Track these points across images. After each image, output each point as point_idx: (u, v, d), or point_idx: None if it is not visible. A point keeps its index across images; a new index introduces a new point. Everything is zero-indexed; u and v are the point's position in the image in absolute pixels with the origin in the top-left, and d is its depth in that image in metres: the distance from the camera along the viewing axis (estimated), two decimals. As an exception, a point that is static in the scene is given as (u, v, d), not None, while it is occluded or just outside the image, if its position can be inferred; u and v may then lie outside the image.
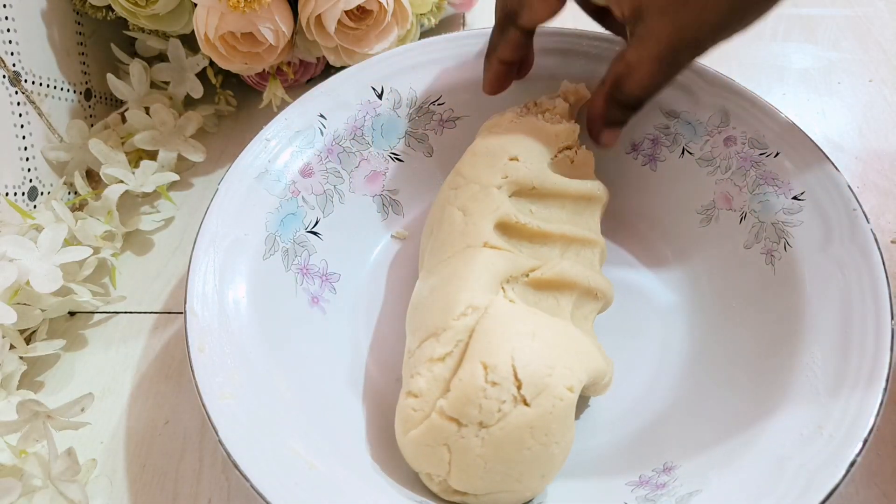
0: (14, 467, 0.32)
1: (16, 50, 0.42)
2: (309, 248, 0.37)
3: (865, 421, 0.27)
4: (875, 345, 0.29)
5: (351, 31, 0.44)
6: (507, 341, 0.27)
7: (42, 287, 0.35)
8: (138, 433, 0.36)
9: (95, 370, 0.39)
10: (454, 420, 0.27)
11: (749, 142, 0.36)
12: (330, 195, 0.39)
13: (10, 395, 0.36)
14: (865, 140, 0.47)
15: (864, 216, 0.32)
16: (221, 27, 0.42)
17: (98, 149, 0.44)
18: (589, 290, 0.32)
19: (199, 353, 0.30)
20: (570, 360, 0.28)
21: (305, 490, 0.27)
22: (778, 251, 0.34)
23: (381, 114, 0.40)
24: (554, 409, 0.27)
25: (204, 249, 0.33)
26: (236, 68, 0.46)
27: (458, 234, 0.32)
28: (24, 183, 0.43)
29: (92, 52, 0.49)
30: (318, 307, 0.37)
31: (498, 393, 0.27)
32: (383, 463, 0.31)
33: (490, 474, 0.27)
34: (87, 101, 0.49)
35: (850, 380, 0.28)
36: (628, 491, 0.29)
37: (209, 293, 0.32)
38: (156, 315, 0.41)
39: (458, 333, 0.28)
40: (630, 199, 0.40)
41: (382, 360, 0.36)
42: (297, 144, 0.38)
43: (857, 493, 0.31)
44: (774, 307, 0.33)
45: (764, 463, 0.27)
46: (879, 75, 0.51)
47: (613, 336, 0.35)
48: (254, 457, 0.27)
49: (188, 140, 0.47)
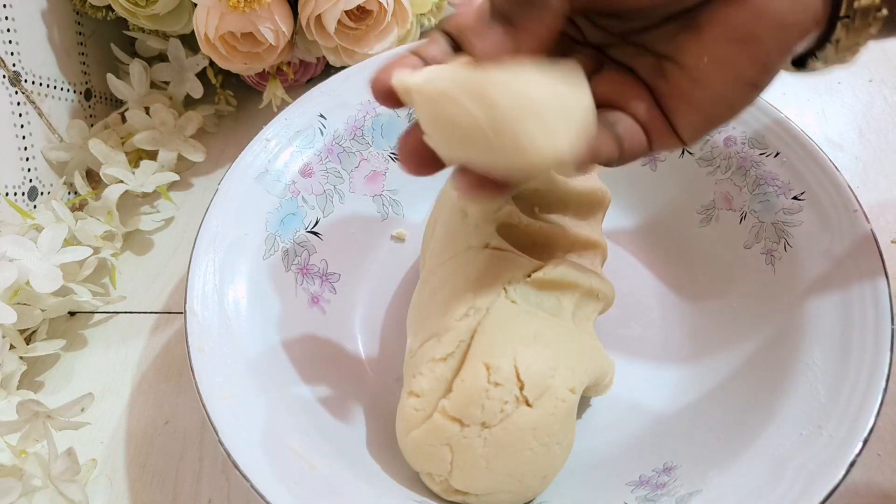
0: (14, 467, 0.32)
1: (16, 50, 0.42)
2: (309, 248, 0.37)
3: (865, 421, 0.27)
4: (875, 345, 0.29)
5: (351, 31, 0.44)
6: (510, 342, 0.27)
7: (42, 287, 0.35)
8: (138, 433, 0.36)
9: (95, 370, 0.39)
10: (457, 420, 0.27)
11: (749, 142, 0.36)
12: (330, 195, 0.39)
13: (10, 395, 0.36)
14: (865, 140, 0.47)
15: (865, 216, 0.32)
16: (221, 27, 0.42)
17: (98, 149, 0.44)
18: (590, 290, 0.32)
19: (199, 353, 0.30)
20: (572, 361, 0.28)
21: (305, 490, 0.27)
22: (778, 251, 0.34)
23: (381, 114, 0.40)
24: (556, 410, 0.27)
25: (204, 249, 0.33)
26: (236, 68, 0.46)
27: (461, 235, 0.32)
28: (24, 183, 0.43)
29: (92, 52, 0.49)
30: (318, 307, 0.37)
31: (500, 393, 0.27)
32: (383, 463, 0.31)
33: (492, 474, 0.27)
34: (87, 101, 0.49)
35: (850, 380, 0.28)
36: (628, 491, 0.29)
37: (209, 293, 0.32)
38: (156, 315, 0.41)
39: (459, 334, 0.28)
40: (630, 199, 0.40)
41: (382, 360, 0.36)
42: (297, 144, 0.38)
43: (857, 493, 0.31)
44: (774, 307, 0.33)
45: (764, 463, 0.27)
46: (879, 75, 0.51)
47: (614, 336, 0.35)
48: (254, 457, 0.27)
49: (188, 140, 0.47)
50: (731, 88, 0.24)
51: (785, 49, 0.23)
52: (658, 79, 0.25)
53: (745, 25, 0.23)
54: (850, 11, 0.23)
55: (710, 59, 0.23)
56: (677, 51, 0.24)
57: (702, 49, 0.23)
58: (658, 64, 0.25)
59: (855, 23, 0.23)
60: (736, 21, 0.23)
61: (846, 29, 0.23)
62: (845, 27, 0.23)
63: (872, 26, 0.23)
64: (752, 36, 0.23)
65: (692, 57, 0.24)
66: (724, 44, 0.23)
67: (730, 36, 0.23)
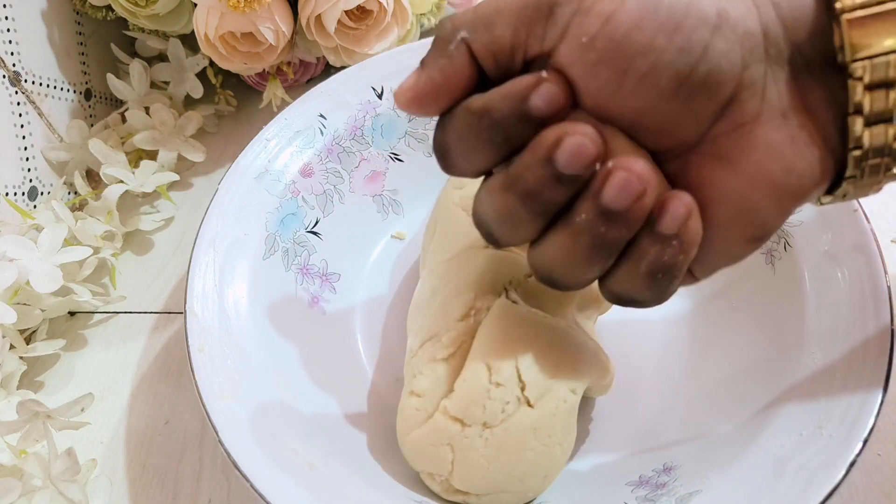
0: (14, 467, 0.32)
1: (16, 50, 0.42)
2: (309, 248, 0.37)
3: (865, 421, 0.27)
4: (875, 345, 0.29)
5: (351, 31, 0.44)
6: (511, 342, 0.27)
7: (42, 287, 0.35)
8: (138, 433, 0.36)
9: (95, 370, 0.39)
10: (458, 420, 0.27)
11: (749, 142, 0.36)
12: (330, 195, 0.39)
13: (10, 395, 0.36)
14: (865, 140, 0.47)
15: (865, 216, 0.32)
16: (221, 27, 0.42)
17: (98, 149, 0.44)
18: (591, 291, 0.32)
19: (199, 353, 0.30)
20: (573, 361, 0.28)
21: (305, 490, 0.27)
22: (778, 251, 0.34)
23: (381, 114, 0.40)
24: (557, 411, 0.27)
25: (204, 249, 0.34)
26: (236, 68, 0.46)
27: (461, 235, 0.32)
28: (24, 183, 0.43)
29: (92, 52, 0.49)
30: (318, 307, 0.37)
31: (502, 394, 0.27)
32: (383, 462, 0.31)
33: (493, 474, 0.27)
34: (87, 101, 0.49)
35: (850, 380, 0.28)
36: (628, 491, 0.29)
37: (209, 293, 0.32)
38: (156, 315, 0.41)
39: (460, 335, 0.28)
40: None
41: (382, 360, 0.36)
42: (297, 144, 0.38)
43: (857, 493, 0.31)
44: (774, 307, 0.33)
45: (764, 463, 0.27)
46: (879, 75, 0.51)
47: (614, 337, 0.35)
48: (254, 457, 0.27)
49: (188, 140, 0.47)
50: (732, 245, 0.22)
51: (784, 214, 0.21)
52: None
53: (738, 193, 0.21)
54: (857, 171, 0.21)
55: (704, 224, 0.21)
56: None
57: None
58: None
59: (864, 179, 0.21)
60: (730, 188, 0.21)
61: (854, 185, 0.22)
62: (853, 183, 0.21)
63: (883, 182, 0.22)
64: (749, 206, 0.21)
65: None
66: (718, 207, 0.21)
67: (724, 203, 0.21)
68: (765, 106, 0.20)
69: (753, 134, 0.20)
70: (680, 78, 0.20)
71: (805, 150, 0.20)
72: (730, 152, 0.21)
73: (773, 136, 0.20)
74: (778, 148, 0.20)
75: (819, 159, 0.21)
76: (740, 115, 0.20)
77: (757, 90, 0.20)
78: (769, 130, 0.20)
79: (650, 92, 0.20)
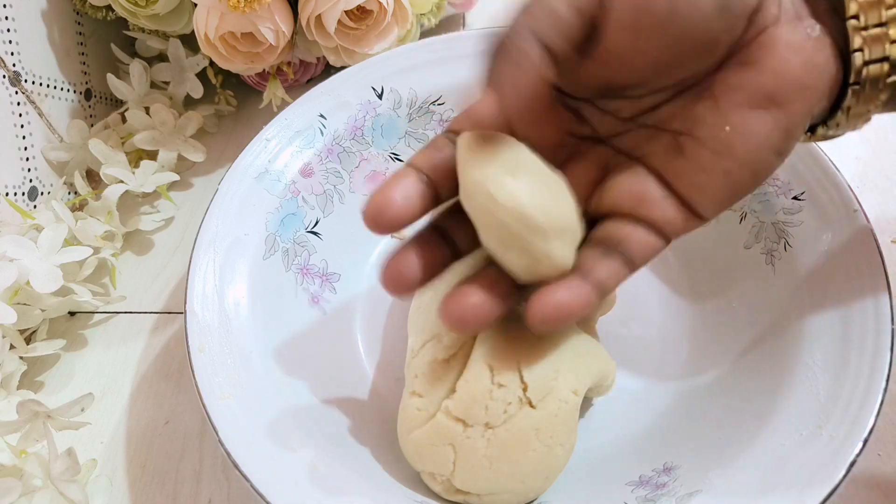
0: (14, 467, 0.32)
1: (16, 50, 0.42)
2: (309, 248, 0.37)
3: (865, 421, 0.27)
4: (875, 345, 0.29)
5: (351, 31, 0.44)
6: (513, 344, 0.28)
7: (42, 287, 0.35)
8: (138, 433, 0.36)
9: (95, 370, 0.39)
10: (460, 420, 0.27)
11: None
12: (330, 195, 0.39)
13: (10, 395, 0.36)
14: (865, 140, 0.47)
15: (865, 216, 0.32)
16: (221, 27, 0.42)
17: (98, 149, 0.44)
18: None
19: (199, 353, 0.30)
20: (575, 362, 0.28)
21: (305, 490, 0.27)
22: (778, 251, 0.34)
23: (381, 114, 0.40)
24: (559, 412, 0.27)
25: (204, 249, 0.33)
26: (236, 68, 0.46)
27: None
28: (24, 183, 0.43)
29: (92, 52, 0.49)
30: (318, 307, 0.37)
31: (504, 395, 0.27)
32: (384, 462, 0.31)
33: (494, 475, 0.27)
34: (87, 101, 0.49)
35: (850, 380, 0.28)
36: (628, 491, 0.29)
37: (209, 293, 0.32)
38: (156, 315, 0.41)
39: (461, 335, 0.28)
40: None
41: (382, 360, 0.36)
42: (297, 144, 0.38)
43: (857, 493, 0.31)
44: (774, 307, 0.33)
45: (764, 463, 0.27)
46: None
47: (614, 336, 0.35)
48: (254, 457, 0.27)
49: (188, 140, 0.47)
50: (756, 155, 0.23)
51: (807, 112, 0.23)
52: (676, 159, 0.24)
53: (766, 89, 0.22)
54: (860, 79, 0.22)
55: (732, 128, 0.22)
56: (695, 124, 0.23)
57: (722, 119, 0.23)
58: (675, 142, 0.24)
59: (865, 90, 0.23)
60: (756, 85, 0.22)
61: (856, 97, 0.23)
62: (856, 95, 0.23)
63: (883, 93, 0.23)
64: (775, 99, 0.22)
65: (712, 128, 0.23)
66: (746, 110, 0.22)
67: (751, 101, 0.22)
68: (782, 10, 0.22)
69: (775, 35, 0.22)
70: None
71: (821, 47, 0.22)
72: (755, 55, 0.22)
73: (792, 35, 0.22)
74: (798, 43, 0.22)
75: (833, 57, 0.23)
76: (763, 21, 0.22)
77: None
78: (788, 31, 0.22)
79: (697, 13, 0.21)
